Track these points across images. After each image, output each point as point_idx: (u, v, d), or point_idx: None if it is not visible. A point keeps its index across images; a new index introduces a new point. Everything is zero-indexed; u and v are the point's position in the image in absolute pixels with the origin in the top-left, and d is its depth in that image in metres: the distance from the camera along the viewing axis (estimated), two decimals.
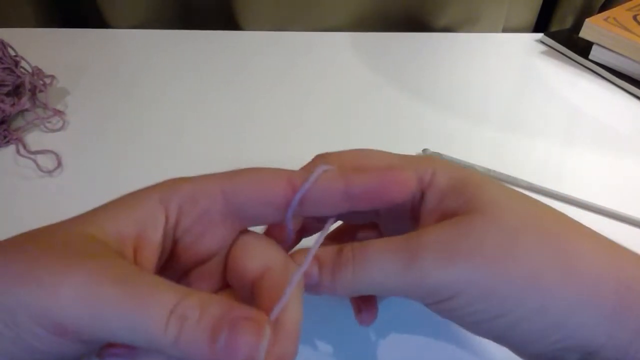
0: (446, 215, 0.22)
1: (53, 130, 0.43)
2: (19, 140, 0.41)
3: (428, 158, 0.24)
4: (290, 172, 0.21)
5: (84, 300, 0.17)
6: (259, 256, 0.21)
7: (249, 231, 0.23)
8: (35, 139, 0.42)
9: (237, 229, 0.22)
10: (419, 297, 0.21)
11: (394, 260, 0.21)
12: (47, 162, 0.39)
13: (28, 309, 0.17)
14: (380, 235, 0.27)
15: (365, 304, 0.26)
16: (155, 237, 0.20)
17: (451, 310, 0.21)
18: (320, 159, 0.25)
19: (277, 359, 0.18)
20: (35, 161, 0.39)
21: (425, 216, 0.23)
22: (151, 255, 0.20)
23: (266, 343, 0.17)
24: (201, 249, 0.22)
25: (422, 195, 0.23)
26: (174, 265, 0.22)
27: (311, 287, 0.22)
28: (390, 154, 0.25)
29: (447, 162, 0.24)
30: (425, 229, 0.21)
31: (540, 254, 0.20)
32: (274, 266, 0.21)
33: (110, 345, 0.19)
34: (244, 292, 0.21)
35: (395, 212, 0.24)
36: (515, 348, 0.21)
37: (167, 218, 0.20)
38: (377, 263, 0.21)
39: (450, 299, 0.20)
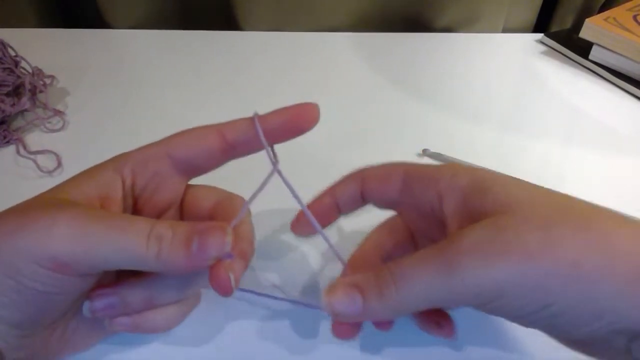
0: (472, 215, 0.22)
1: (53, 131, 0.43)
2: (19, 141, 0.41)
3: (449, 165, 0.26)
4: (218, 124, 0.26)
5: (76, 235, 0.20)
6: (209, 196, 0.27)
7: (194, 184, 0.27)
8: (35, 139, 0.42)
9: (185, 181, 0.26)
10: (466, 302, 0.21)
11: (432, 270, 0.21)
12: (47, 162, 0.39)
13: (27, 253, 0.20)
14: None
15: (439, 317, 0.25)
16: (116, 195, 0.24)
17: (500, 308, 0.21)
18: (355, 175, 0.28)
19: (239, 254, 0.23)
20: (35, 161, 0.39)
21: (451, 218, 0.24)
22: (116, 210, 0.24)
23: (230, 239, 0.21)
24: (158, 202, 0.26)
25: (440, 199, 0.24)
26: None
27: (356, 315, 0.22)
28: (413, 163, 0.27)
29: (465, 167, 0.25)
30: (457, 233, 0.21)
31: (576, 243, 0.20)
32: (224, 199, 0.26)
33: (97, 287, 0.23)
34: None
35: (421, 216, 0.26)
36: (561, 335, 0.22)
37: (123, 181, 0.24)
38: (417, 276, 0.21)
39: (497, 299, 0.20)
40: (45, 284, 0.20)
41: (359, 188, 0.27)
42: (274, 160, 0.25)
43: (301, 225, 0.28)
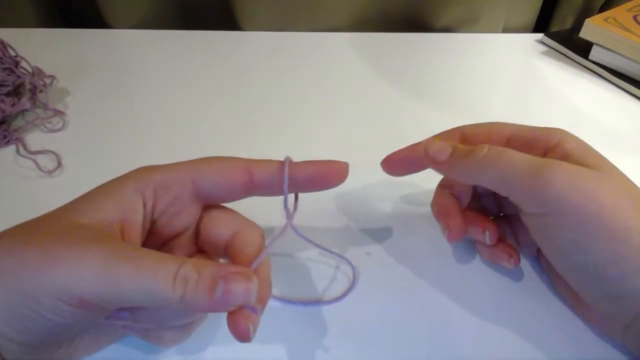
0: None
1: (53, 131, 0.43)
2: (19, 141, 0.41)
3: (553, 130, 0.29)
4: (248, 161, 0.25)
5: (103, 276, 0.19)
6: (227, 224, 0.26)
7: (213, 205, 0.27)
8: (35, 139, 0.42)
9: (202, 206, 0.26)
10: (529, 200, 0.26)
11: (526, 160, 0.26)
12: (47, 162, 0.39)
13: (51, 290, 0.19)
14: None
15: (510, 249, 0.30)
16: (136, 219, 0.23)
17: (545, 228, 0.26)
18: (454, 134, 0.31)
19: (258, 300, 0.22)
20: (35, 161, 0.39)
21: None
22: (136, 235, 0.23)
23: (255, 288, 0.21)
24: (176, 225, 0.25)
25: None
26: (153, 241, 0.25)
27: (436, 162, 0.29)
28: (516, 126, 0.30)
29: (571, 136, 0.28)
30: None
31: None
32: (242, 229, 0.25)
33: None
34: (216, 255, 0.26)
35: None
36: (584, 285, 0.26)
37: (144, 203, 0.24)
38: (511, 158, 0.26)
39: (551, 215, 0.25)
40: (64, 317, 0.20)
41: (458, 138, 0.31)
42: (290, 213, 0.25)
43: (391, 166, 0.32)
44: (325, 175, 0.25)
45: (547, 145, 0.28)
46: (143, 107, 0.46)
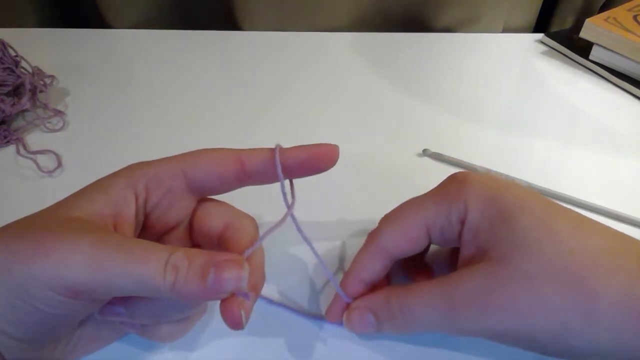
0: (480, 251, 0.24)
1: (53, 130, 0.43)
2: (19, 140, 0.41)
3: (459, 188, 0.26)
4: (239, 151, 0.25)
5: (94, 264, 0.19)
6: (221, 215, 0.26)
7: (206, 198, 0.27)
8: (35, 139, 0.42)
9: (197, 199, 0.26)
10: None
11: (435, 313, 0.24)
12: (47, 162, 0.39)
13: (43, 281, 0.19)
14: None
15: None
16: (129, 213, 0.23)
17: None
18: (376, 250, 0.27)
19: (251, 287, 0.23)
20: (35, 161, 0.39)
21: (464, 248, 0.26)
22: (128, 228, 0.23)
23: (246, 274, 0.21)
24: (169, 219, 0.25)
25: (462, 224, 0.25)
26: (147, 236, 0.25)
27: (372, 332, 0.26)
28: (425, 206, 0.27)
29: (478, 188, 0.25)
30: (458, 276, 0.24)
31: (564, 305, 0.22)
32: (235, 221, 0.25)
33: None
34: (211, 248, 0.26)
35: (444, 240, 0.27)
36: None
37: (136, 197, 0.24)
38: (422, 316, 0.24)
39: (491, 340, 0.24)
40: (58, 308, 0.20)
41: (387, 261, 0.27)
42: (289, 203, 0.25)
43: (335, 315, 0.28)
44: (317, 158, 0.25)
45: (459, 217, 0.25)
46: (143, 107, 0.46)
